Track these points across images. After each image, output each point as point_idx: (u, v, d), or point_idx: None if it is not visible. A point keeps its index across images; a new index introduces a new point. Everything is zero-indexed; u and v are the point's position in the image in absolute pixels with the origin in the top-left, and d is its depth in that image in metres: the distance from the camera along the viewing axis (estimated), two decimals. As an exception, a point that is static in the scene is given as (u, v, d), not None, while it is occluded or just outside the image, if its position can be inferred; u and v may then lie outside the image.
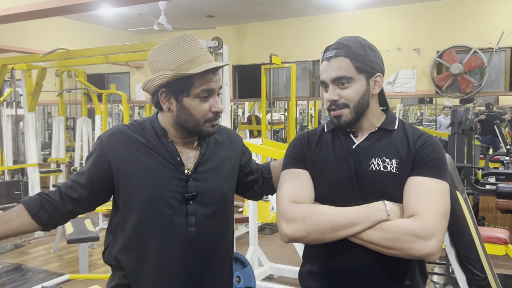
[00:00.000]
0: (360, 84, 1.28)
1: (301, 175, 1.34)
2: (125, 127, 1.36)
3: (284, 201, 1.29)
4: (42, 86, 5.37)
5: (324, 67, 1.31)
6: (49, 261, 4.60)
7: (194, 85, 1.27)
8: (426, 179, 1.22)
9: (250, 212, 3.84)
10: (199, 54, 1.29)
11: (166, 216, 1.30)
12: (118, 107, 9.74)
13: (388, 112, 1.38)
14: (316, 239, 1.24)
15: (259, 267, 3.90)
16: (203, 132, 1.32)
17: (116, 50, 4.61)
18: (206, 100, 1.29)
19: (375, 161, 1.27)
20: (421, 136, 1.29)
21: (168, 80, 1.27)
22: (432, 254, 1.16)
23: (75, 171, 6.26)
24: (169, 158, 1.32)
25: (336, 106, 1.29)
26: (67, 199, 1.32)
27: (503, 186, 3.91)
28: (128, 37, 7.44)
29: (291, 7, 6.00)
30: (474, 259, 1.54)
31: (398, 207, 1.23)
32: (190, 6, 5.94)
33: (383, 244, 1.18)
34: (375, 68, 1.31)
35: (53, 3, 3.74)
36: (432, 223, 1.16)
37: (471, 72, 5.39)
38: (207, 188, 1.35)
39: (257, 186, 1.57)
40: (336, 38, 1.38)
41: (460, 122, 4.95)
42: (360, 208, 1.22)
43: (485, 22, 5.40)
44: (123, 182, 1.31)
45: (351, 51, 1.28)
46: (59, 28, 6.64)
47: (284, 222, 1.27)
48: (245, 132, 8.09)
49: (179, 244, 1.31)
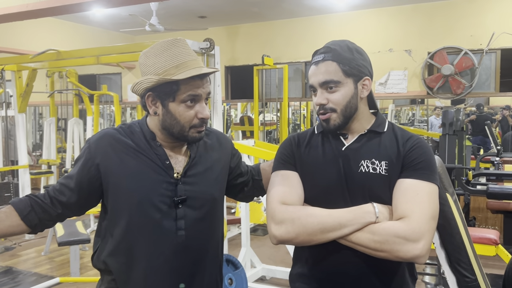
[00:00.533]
0: (348, 88, 1.29)
1: (291, 176, 1.34)
2: (114, 131, 1.35)
3: (273, 203, 1.30)
4: (32, 87, 5.32)
5: (312, 71, 1.32)
6: (40, 263, 4.56)
7: (180, 91, 1.26)
8: (415, 181, 1.23)
9: (242, 213, 3.83)
10: (187, 59, 1.28)
11: (155, 220, 1.29)
12: (110, 108, 9.68)
13: (377, 114, 1.39)
14: (305, 241, 1.24)
15: (252, 269, 3.90)
16: (189, 138, 1.31)
17: (107, 51, 4.58)
18: (192, 106, 1.28)
19: (365, 163, 1.28)
20: (410, 138, 1.30)
21: (154, 84, 1.27)
22: (420, 257, 1.17)
23: (66, 173, 6.24)
24: (158, 162, 1.32)
25: (324, 110, 1.29)
26: (56, 203, 1.31)
27: (494, 186, 3.93)
28: (119, 38, 7.40)
29: (284, 8, 6.01)
30: (464, 261, 1.55)
31: (386, 209, 1.23)
32: (182, 6, 5.93)
33: (371, 246, 1.19)
34: (363, 71, 1.31)
35: (43, 4, 3.71)
36: (420, 225, 1.17)
37: (462, 73, 5.43)
38: (197, 191, 1.34)
39: (247, 188, 1.57)
40: (328, 39, 1.38)
41: (451, 123, 4.98)
42: (349, 210, 1.23)
43: (476, 24, 5.44)
44: (111, 186, 1.30)
45: (339, 55, 1.28)
46: (50, 29, 6.60)
47: (273, 223, 1.27)
48: (238, 133, 8.09)
49: (169, 248, 1.30)
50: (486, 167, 6.51)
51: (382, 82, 5.92)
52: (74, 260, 3.89)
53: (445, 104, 8.98)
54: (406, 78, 5.84)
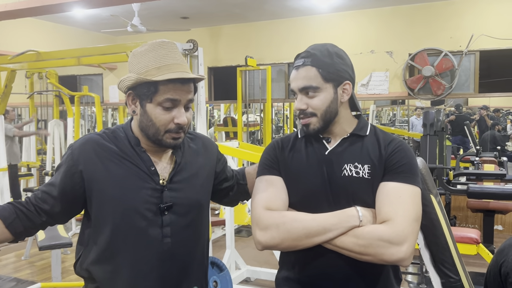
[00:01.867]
0: (327, 93, 1.29)
1: (275, 182, 1.34)
2: (97, 136, 1.32)
3: (258, 209, 1.30)
4: (11, 89, 5.22)
5: (293, 76, 1.33)
6: (20, 268, 4.48)
7: (158, 93, 1.23)
8: (398, 184, 1.24)
9: (226, 215, 3.83)
10: (171, 62, 1.25)
11: (141, 228, 1.26)
12: (91, 109, 9.56)
13: (360, 117, 1.39)
14: (290, 246, 1.25)
15: (236, 270, 3.89)
16: (163, 142, 1.27)
17: (88, 52, 4.52)
18: (169, 110, 1.25)
19: (348, 167, 1.28)
20: (392, 141, 1.31)
21: (133, 83, 1.25)
22: (404, 259, 1.18)
23: (46, 175, 6.13)
24: (143, 168, 1.29)
25: (304, 115, 1.31)
26: (40, 211, 1.28)
27: (474, 186, 4.01)
28: (101, 38, 7.31)
29: (266, 9, 6.02)
30: (448, 262, 1.57)
31: (370, 213, 1.24)
32: (164, 7, 5.88)
33: (356, 250, 1.20)
34: (343, 76, 1.31)
35: (23, 4, 3.64)
36: (403, 228, 1.18)
37: (442, 75, 5.52)
38: (183, 198, 1.32)
39: (232, 193, 1.56)
40: (311, 41, 1.39)
41: (432, 123, 5.06)
42: (333, 215, 1.23)
43: (455, 26, 5.54)
44: (95, 193, 1.27)
45: (318, 60, 1.29)
46: (30, 29, 6.48)
47: (258, 229, 1.27)
48: (221, 134, 8.07)
49: (154, 256, 1.28)
50: (465, 166, 6.64)
51: (364, 83, 5.97)
52: (56, 265, 3.82)
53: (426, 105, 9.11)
54: (387, 79, 5.90)
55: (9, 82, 5.14)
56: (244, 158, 3.74)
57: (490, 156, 6.13)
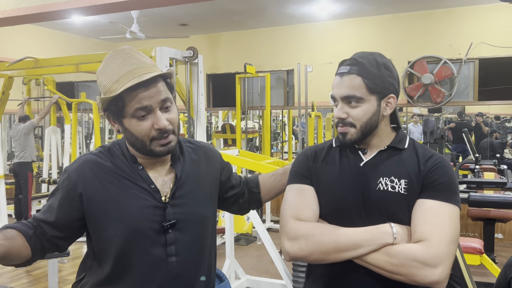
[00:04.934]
0: (370, 104, 1.23)
1: (306, 191, 1.29)
2: (93, 156, 1.26)
3: (287, 218, 1.26)
4: (8, 95, 5.19)
5: (336, 83, 1.26)
6: (16, 277, 4.41)
7: (126, 106, 1.17)
8: (436, 202, 1.18)
9: (226, 223, 3.78)
10: (128, 70, 1.17)
11: (144, 249, 1.21)
12: (88, 115, 9.51)
13: (398, 130, 1.33)
14: (318, 259, 1.21)
15: (236, 280, 3.85)
16: (154, 152, 1.21)
17: (86, 59, 4.49)
18: (145, 118, 1.18)
19: (383, 181, 1.23)
20: (432, 157, 1.25)
21: (102, 104, 1.19)
22: (438, 283, 1.12)
23: (43, 182, 6.07)
24: (144, 185, 1.23)
25: (343, 124, 1.25)
26: (42, 238, 1.20)
27: (475, 194, 3.99)
28: (100, 45, 7.29)
29: (265, 16, 6.01)
30: (457, 275, 1.55)
31: (405, 230, 1.19)
32: (163, 14, 5.87)
33: (387, 269, 1.15)
34: (388, 89, 1.25)
35: (21, 11, 3.62)
36: (439, 249, 1.12)
37: (441, 82, 5.52)
38: (187, 213, 1.26)
39: (242, 200, 1.50)
40: (310, 48, 1.36)
41: (432, 131, 5.05)
42: (365, 230, 1.18)
43: (454, 34, 5.55)
44: (96, 216, 1.21)
45: (365, 70, 1.23)
46: (28, 35, 6.46)
47: (287, 240, 1.23)
48: (220, 141, 8.04)
49: (159, 276, 1.22)
50: (464, 174, 6.61)
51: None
52: (53, 274, 3.76)
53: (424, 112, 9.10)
54: (387, 86, 5.89)
55: (7, 89, 5.11)
56: (244, 166, 3.70)
57: (489, 164, 6.10)
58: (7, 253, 1.08)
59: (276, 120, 11.81)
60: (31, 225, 1.19)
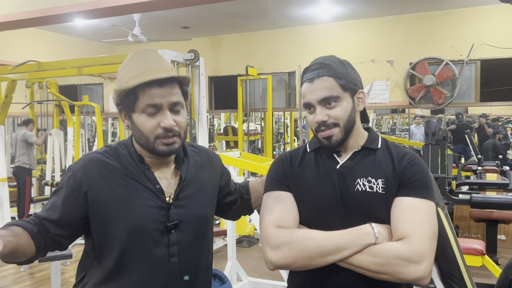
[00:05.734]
0: (346, 102, 1.26)
1: (285, 197, 1.29)
2: (99, 155, 1.27)
3: (268, 226, 1.25)
4: (12, 98, 5.21)
5: (308, 89, 1.27)
6: (20, 280, 4.43)
7: (138, 101, 1.20)
8: (414, 199, 1.20)
9: (228, 225, 3.79)
10: (148, 68, 1.21)
11: (147, 249, 1.22)
12: (91, 118, 9.55)
13: (370, 130, 1.36)
14: (303, 266, 1.20)
15: (238, 282, 3.85)
16: (157, 150, 1.22)
17: (89, 63, 4.52)
18: (153, 115, 1.20)
19: (361, 181, 1.24)
20: (405, 155, 1.27)
21: (116, 97, 1.23)
22: (423, 278, 1.14)
23: (46, 185, 6.10)
24: (149, 186, 1.25)
25: (325, 127, 1.25)
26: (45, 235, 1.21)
27: (477, 196, 3.98)
28: (102, 48, 7.32)
29: (267, 19, 6.02)
30: (456, 276, 1.54)
31: (385, 229, 1.20)
32: (165, 17, 5.89)
33: (372, 269, 1.16)
34: (357, 85, 1.29)
35: (24, 15, 3.64)
36: (422, 246, 1.14)
37: (443, 84, 5.51)
38: (189, 215, 1.28)
39: (235, 207, 1.52)
40: (312, 50, 1.37)
41: (434, 133, 5.04)
42: (347, 232, 1.19)
43: (456, 35, 5.54)
44: (101, 215, 1.22)
45: (334, 70, 1.26)
46: (31, 39, 6.49)
47: (269, 248, 1.22)
48: (222, 143, 8.05)
49: (161, 277, 1.24)
50: (467, 175, 6.61)
51: (365, 93, 5.97)
52: (55, 276, 3.77)
53: (426, 114, 9.10)
54: (388, 88, 5.89)
55: (10, 92, 5.14)
56: (245, 168, 3.71)
57: (492, 165, 6.10)
58: (14, 250, 1.08)
59: (278, 122, 11.83)
60: (34, 223, 1.20)
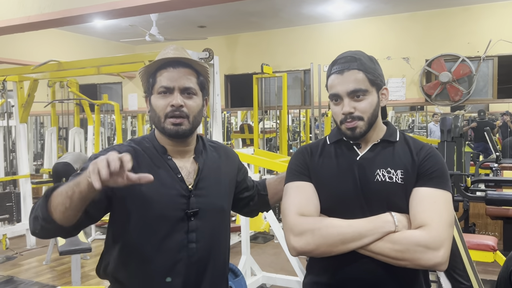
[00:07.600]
0: (373, 96, 1.31)
1: (306, 187, 1.34)
2: (129, 147, 1.35)
3: (291, 215, 1.30)
4: (34, 98, 5.37)
5: (338, 80, 1.30)
6: (41, 273, 4.58)
7: (156, 83, 1.33)
8: (432, 190, 1.25)
9: (242, 221, 3.86)
10: (167, 53, 1.34)
11: (168, 234, 1.29)
12: (111, 117, 9.73)
13: (388, 124, 1.40)
14: (325, 252, 1.25)
15: (252, 277, 3.91)
16: (165, 129, 1.32)
17: (107, 62, 4.63)
18: (166, 96, 1.32)
19: (380, 172, 1.29)
20: (423, 148, 1.33)
21: (142, 83, 1.37)
22: (441, 264, 1.19)
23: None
24: (172, 174, 1.33)
25: (351, 119, 1.30)
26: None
27: (492, 193, 3.95)
28: (120, 48, 7.46)
29: (282, 17, 6.06)
30: (459, 268, 1.58)
31: (405, 218, 1.25)
32: (182, 17, 5.98)
33: (392, 256, 1.21)
34: (382, 81, 1.35)
35: (45, 16, 3.76)
36: (440, 233, 1.19)
37: (459, 80, 5.47)
38: (208, 203, 1.35)
39: (252, 203, 1.58)
40: (327, 48, 1.42)
41: (449, 130, 5.00)
42: (368, 220, 1.24)
43: (473, 31, 5.49)
44: (126, 199, 1.28)
45: (364, 64, 1.30)
46: (51, 39, 6.66)
47: (293, 235, 1.27)
48: (238, 141, 8.12)
49: (180, 261, 1.30)
50: (486, 173, 6.53)
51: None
52: (76, 269, 3.89)
53: (444, 111, 8.99)
54: (404, 85, 5.87)
55: (32, 91, 5.29)
56: (258, 164, 3.76)
57: (510, 163, 6.02)
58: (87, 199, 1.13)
59: (296, 120, 11.83)
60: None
